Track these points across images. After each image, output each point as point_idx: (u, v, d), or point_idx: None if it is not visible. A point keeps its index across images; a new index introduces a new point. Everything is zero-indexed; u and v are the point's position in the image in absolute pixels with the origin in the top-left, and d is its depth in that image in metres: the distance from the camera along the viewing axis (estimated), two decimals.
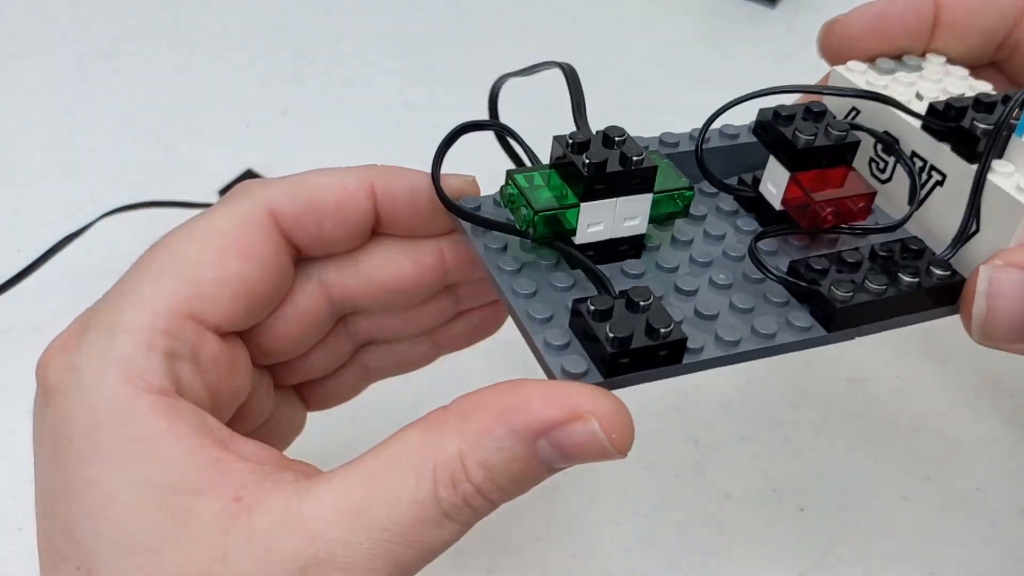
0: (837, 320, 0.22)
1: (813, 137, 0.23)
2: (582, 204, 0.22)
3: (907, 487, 0.33)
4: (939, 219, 0.24)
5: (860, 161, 0.25)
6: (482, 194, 0.26)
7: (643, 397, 0.36)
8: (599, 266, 0.22)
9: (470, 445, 0.20)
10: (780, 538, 0.32)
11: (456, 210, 0.24)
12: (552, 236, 0.22)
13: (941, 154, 0.24)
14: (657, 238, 0.24)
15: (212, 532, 0.20)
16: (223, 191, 0.42)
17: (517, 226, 0.23)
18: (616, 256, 0.23)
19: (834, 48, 0.27)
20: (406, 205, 0.24)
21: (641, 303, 0.20)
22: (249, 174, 0.42)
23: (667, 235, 0.24)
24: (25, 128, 0.46)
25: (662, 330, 0.20)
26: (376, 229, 0.25)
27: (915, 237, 0.23)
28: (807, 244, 0.25)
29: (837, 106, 0.26)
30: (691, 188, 0.23)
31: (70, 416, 0.20)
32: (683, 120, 0.47)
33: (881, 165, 0.26)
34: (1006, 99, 0.23)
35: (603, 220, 0.23)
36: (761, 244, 0.24)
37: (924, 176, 0.25)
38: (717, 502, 0.33)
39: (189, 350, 0.21)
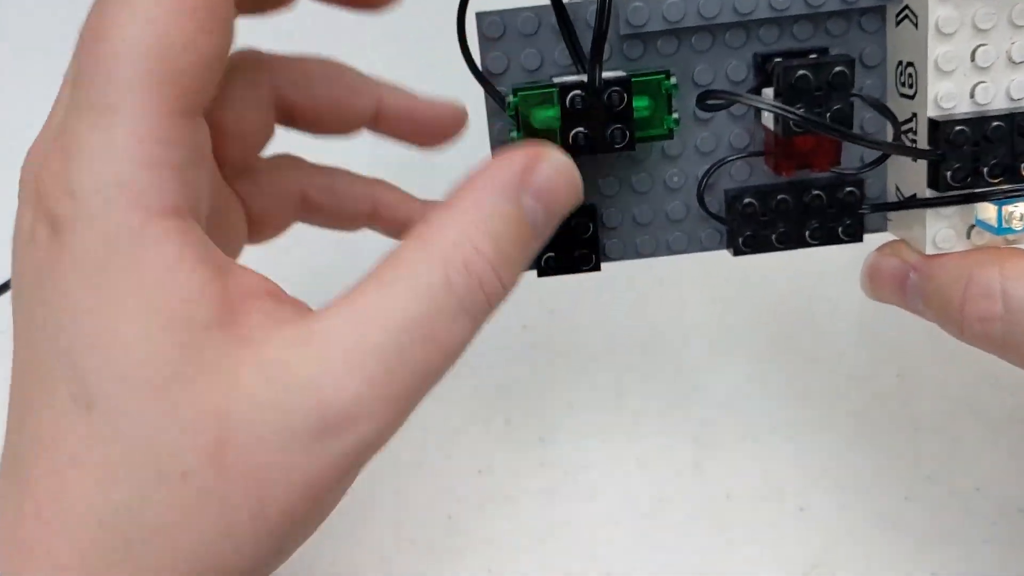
0: (737, 250, 0.26)
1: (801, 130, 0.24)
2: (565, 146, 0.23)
3: (907, 487, 0.33)
4: (913, 179, 0.25)
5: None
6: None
7: (643, 396, 0.36)
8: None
9: (471, 222, 0.20)
10: (780, 538, 0.32)
11: (477, 74, 0.25)
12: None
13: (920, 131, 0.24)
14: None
15: (223, 365, 0.19)
16: None
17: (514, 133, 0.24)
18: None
19: None
20: None
21: (581, 233, 0.25)
22: None
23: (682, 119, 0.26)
24: (25, 128, 0.46)
25: (583, 266, 0.26)
26: None
27: (860, 190, 0.25)
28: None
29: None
30: (670, 133, 0.24)
31: (78, 245, 0.19)
32: None
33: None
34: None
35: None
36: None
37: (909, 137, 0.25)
38: (717, 502, 0.33)
39: (189, 154, 0.20)
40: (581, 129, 0.23)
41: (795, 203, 0.26)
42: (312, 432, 0.19)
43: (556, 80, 0.24)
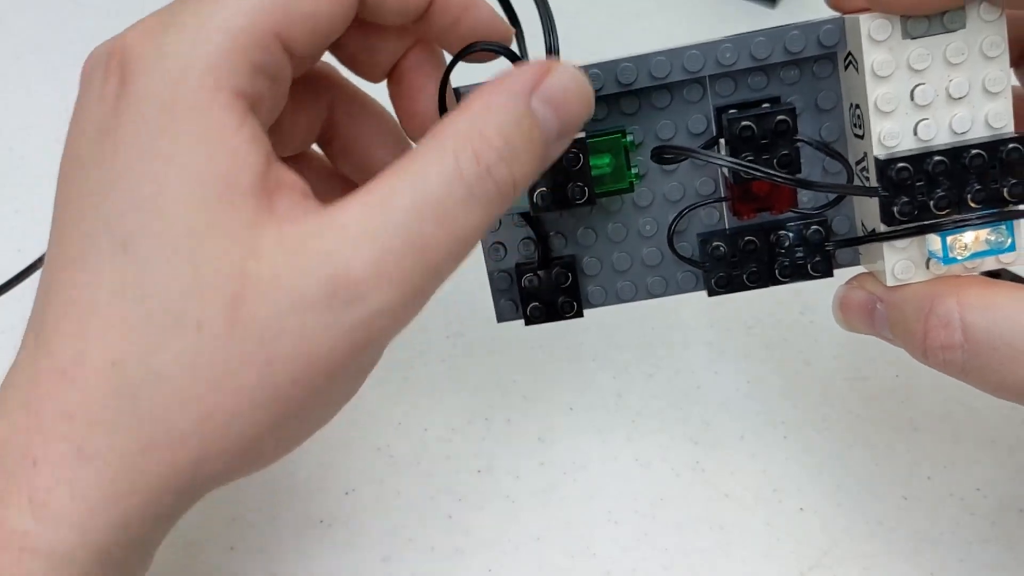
0: (713, 293, 0.27)
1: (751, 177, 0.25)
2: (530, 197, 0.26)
3: (907, 487, 0.33)
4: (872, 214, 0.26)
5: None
6: None
7: (643, 397, 0.36)
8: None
9: (482, 116, 0.21)
10: (780, 538, 0.32)
11: None
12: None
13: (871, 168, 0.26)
14: (642, 167, 0.28)
15: (250, 230, 0.20)
16: None
17: None
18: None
19: (874, 4, 0.24)
20: None
21: (561, 285, 0.27)
22: None
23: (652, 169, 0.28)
24: (25, 128, 0.46)
25: (565, 313, 0.28)
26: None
27: (824, 228, 0.27)
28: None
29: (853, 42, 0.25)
30: (631, 183, 0.27)
31: (147, 94, 0.20)
32: None
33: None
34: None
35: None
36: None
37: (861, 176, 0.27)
38: (717, 502, 0.33)
39: (272, 69, 0.22)
40: (543, 188, 0.26)
41: (763, 243, 0.27)
42: (325, 298, 0.20)
43: None
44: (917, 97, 0.25)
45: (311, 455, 0.35)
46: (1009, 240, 0.24)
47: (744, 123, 0.25)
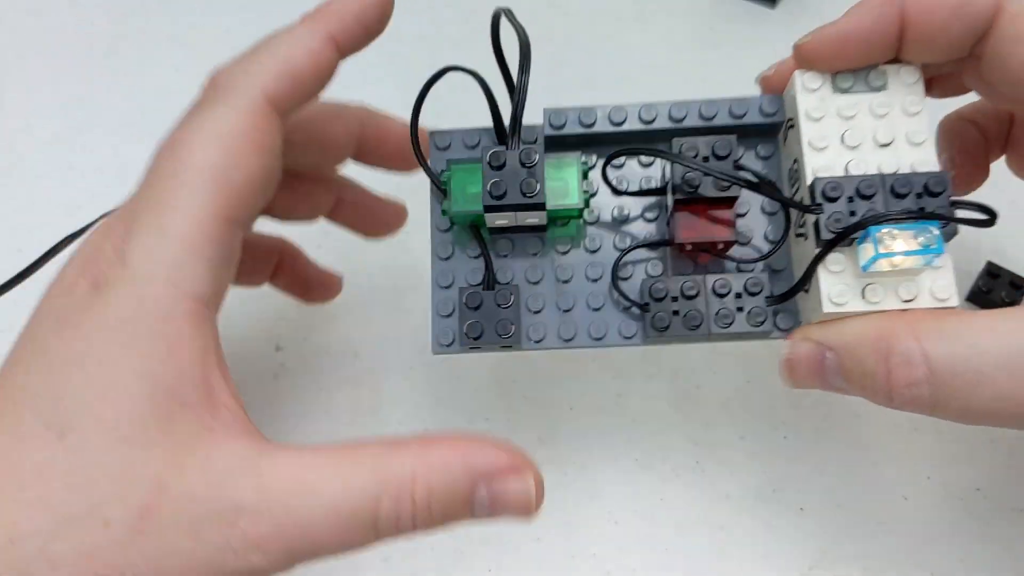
0: (653, 339, 0.28)
1: (695, 189, 0.27)
2: (486, 214, 0.27)
3: (907, 487, 0.33)
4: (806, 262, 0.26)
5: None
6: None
7: (643, 396, 0.36)
8: (512, 235, 0.29)
9: (426, 469, 0.22)
10: (780, 538, 0.32)
11: (425, 167, 0.29)
12: (468, 222, 0.29)
13: (809, 219, 0.26)
14: (591, 216, 0.30)
15: (178, 445, 0.22)
16: None
17: (443, 212, 0.29)
18: (525, 230, 0.29)
19: (805, 64, 0.28)
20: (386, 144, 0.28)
21: (502, 305, 0.28)
22: None
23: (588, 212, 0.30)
24: (25, 128, 0.46)
25: (502, 334, 0.28)
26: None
27: (762, 276, 0.27)
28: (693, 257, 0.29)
29: (791, 108, 0.28)
30: (580, 211, 0.28)
31: (112, 302, 0.22)
32: None
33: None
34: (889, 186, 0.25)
35: (507, 219, 0.28)
36: (649, 251, 0.29)
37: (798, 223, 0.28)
38: (717, 502, 0.33)
39: (227, 254, 0.24)
40: (497, 177, 0.27)
41: (703, 290, 0.28)
42: (221, 538, 0.21)
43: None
44: (847, 139, 0.26)
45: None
46: (937, 242, 0.24)
47: (686, 143, 0.27)
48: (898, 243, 0.24)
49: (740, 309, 0.27)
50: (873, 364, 0.25)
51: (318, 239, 0.40)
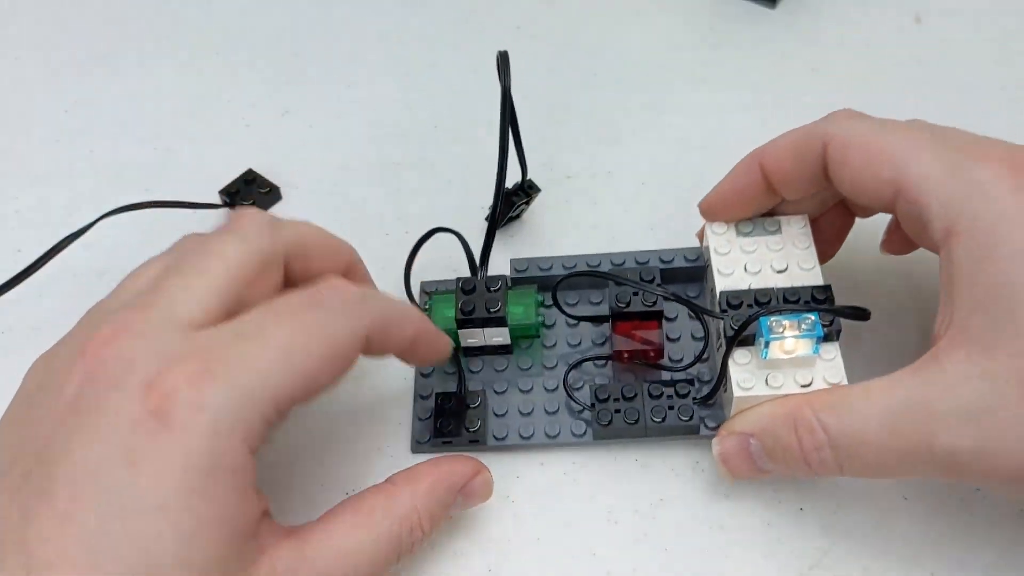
0: (600, 435, 0.33)
1: (627, 303, 0.33)
2: (459, 330, 0.34)
3: (907, 487, 0.33)
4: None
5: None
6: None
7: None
8: (482, 355, 0.36)
9: (422, 500, 0.29)
10: (780, 538, 0.32)
11: (412, 302, 0.37)
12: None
13: (716, 326, 0.33)
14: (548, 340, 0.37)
15: (251, 569, 0.25)
16: (223, 191, 0.42)
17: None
18: (492, 351, 0.36)
19: (709, 218, 0.35)
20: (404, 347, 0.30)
21: (471, 405, 0.34)
22: (249, 174, 0.43)
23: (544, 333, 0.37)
24: (25, 128, 0.46)
25: (470, 429, 0.34)
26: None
27: (692, 380, 0.34)
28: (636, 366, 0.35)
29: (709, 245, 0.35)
30: (537, 329, 0.36)
31: (193, 450, 0.23)
32: (682, 120, 0.47)
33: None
34: (784, 298, 0.32)
35: (477, 337, 0.35)
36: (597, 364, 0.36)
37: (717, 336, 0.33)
38: (717, 502, 0.33)
39: (279, 422, 0.26)
40: (467, 298, 0.34)
41: (642, 393, 0.33)
42: None
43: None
44: (749, 267, 0.33)
45: (311, 455, 0.35)
46: (815, 327, 0.29)
47: (620, 271, 0.35)
48: (786, 330, 0.29)
49: (672, 408, 0.33)
50: (786, 437, 0.29)
51: None
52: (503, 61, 0.32)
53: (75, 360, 0.25)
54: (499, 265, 0.35)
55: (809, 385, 0.30)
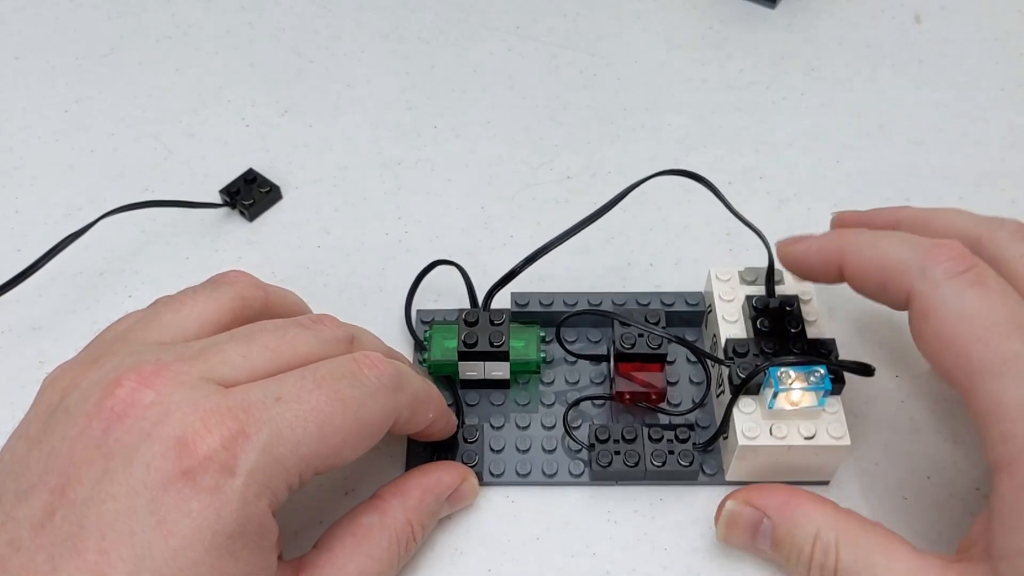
0: (598, 476, 0.33)
1: (632, 346, 0.33)
2: (459, 362, 0.34)
3: (907, 487, 0.33)
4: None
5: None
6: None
7: None
8: (480, 389, 0.35)
9: (415, 514, 0.30)
10: None
11: (412, 333, 0.37)
12: (444, 374, 0.35)
13: (718, 372, 0.34)
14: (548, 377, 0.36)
15: None
16: (223, 191, 0.42)
17: (422, 361, 0.35)
18: (492, 384, 0.35)
19: (783, 263, 0.33)
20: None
21: (468, 439, 0.34)
22: (249, 173, 0.43)
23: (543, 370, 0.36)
24: (25, 128, 0.46)
25: (467, 463, 0.33)
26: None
27: (692, 425, 0.33)
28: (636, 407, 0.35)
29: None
30: (538, 365, 0.35)
31: (223, 513, 0.24)
32: (682, 119, 0.47)
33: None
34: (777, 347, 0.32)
35: (476, 370, 0.34)
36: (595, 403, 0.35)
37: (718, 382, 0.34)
38: (717, 502, 0.33)
39: (299, 489, 0.27)
40: (470, 331, 0.33)
41: (642, 436, 0.33)
42: None
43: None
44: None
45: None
46: (824, 380, 0.30)
47: (625, 311, 0.35)
48: (793, 381, 0.30)
49: (672, 452, 0.33)
50: (802, 542, 0.29)
51: (318, 238, 0.41)
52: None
53: (106, 394, 0.25)
54: (499, 298, 0.35)
55: (812, 438, 0.30)
